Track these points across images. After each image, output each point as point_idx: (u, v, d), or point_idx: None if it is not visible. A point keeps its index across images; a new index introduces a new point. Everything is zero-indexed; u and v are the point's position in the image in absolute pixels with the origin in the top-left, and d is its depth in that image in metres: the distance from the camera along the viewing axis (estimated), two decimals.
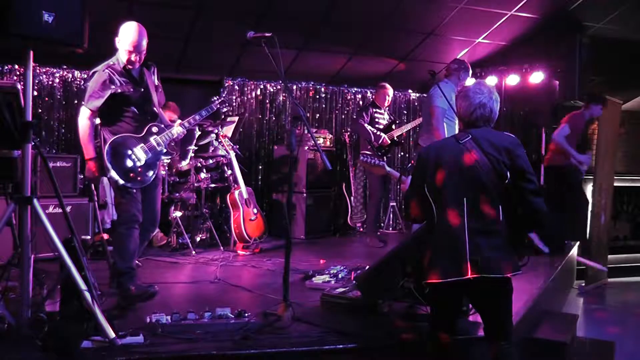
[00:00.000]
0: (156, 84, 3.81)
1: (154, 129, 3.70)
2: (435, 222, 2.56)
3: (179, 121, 3.88)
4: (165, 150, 3.75)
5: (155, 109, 3.75)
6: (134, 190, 3.60)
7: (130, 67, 3.60)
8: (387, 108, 6.69)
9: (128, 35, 3.51)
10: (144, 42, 3.58)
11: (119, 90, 3.54)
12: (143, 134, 3.67)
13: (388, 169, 3.43)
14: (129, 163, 3.58)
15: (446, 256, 2.49)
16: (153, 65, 3.83)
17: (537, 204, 2.51)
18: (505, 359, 2.57)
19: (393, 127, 6.47)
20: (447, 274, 2.46)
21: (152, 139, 3.68)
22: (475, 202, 2.49)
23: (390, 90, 6.53)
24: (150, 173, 3.66)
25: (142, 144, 3.65)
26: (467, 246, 2.44)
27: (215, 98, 4.37)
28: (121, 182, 3.52)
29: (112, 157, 3.54)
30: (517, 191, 2.52)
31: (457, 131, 5.03)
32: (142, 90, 3.68)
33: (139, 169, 3.61)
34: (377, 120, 6.46)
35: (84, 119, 3.59)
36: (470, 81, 2.75)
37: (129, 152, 3.59)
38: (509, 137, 2.59)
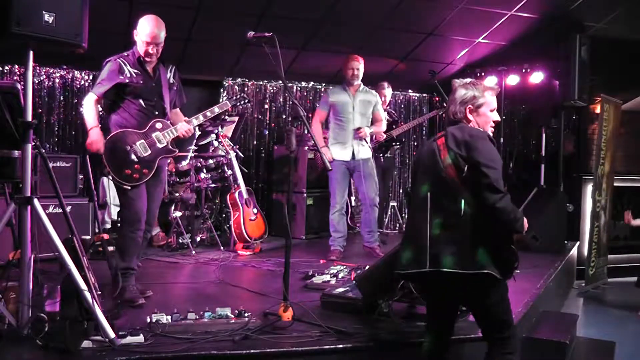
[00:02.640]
0: (171, 82, 3.77)
1: (158, 125, 3.64)
2: (409, 215, 2.67)
3: (184, 118, 3.81)
4: (166, 147, 3.66)
5: (165, 105, 3.70)
6: (137, 188, 3.55)
7: (148, 59, 3.60)
8: (388, 106, 6.71)
9: (146, 27, 3.54)
10: (162, 34, 3.59)
11: (127, 81, 3.54)
12: (146, 129, 3.60)
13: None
14: (126, 159, 3.52)
15: (410, 248, 2.57)
16: (173, 65, 3.81)
17: (490, 199, 2.42)
18: None
19: (393, 126, 6.47)
20: (408, 265, 2.54)
21: (154, 135, 3.61)
22: (437, 196, 2.54)
23: (387, 90, 6.54)
24: (147, 171, 3.58)
25: (143, 140, 3.58)
26: (428, 239, 2.48)
27: (231, 97, 4.18)
28: (117, 179, 3.49)
29: (110, 152, 3.50)
30: (475, 186, 2.46)
31: (349, 129, 5.32)
32: (154, 85, 3.65)
33: (136, 166, 3.54)
34: None
35: (88, 103, 3.57)
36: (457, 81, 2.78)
37: (127, 147, 3.53)
38: (474, 131, 2.57)
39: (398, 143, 6.74)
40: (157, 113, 3.67)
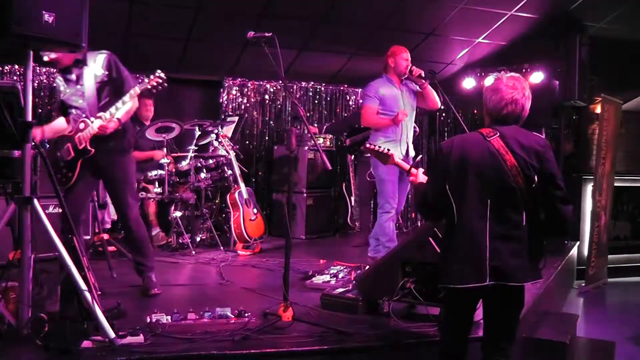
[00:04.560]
0: (98, 74, 3.57)
1: (81, 126, 3.57)
2: (454, 222, 2.42)
3: (99, 114, 3.54)
4: (84, 148, 3.55)
5: (88, 105, 3.56)
6: (69, 192, 3.56)
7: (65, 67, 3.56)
8: None
9: None
10: None
11: (62, 96, 3.64)
12: (74, 132, 3.60)
13: (397, 159, 3.38)
14: (57, 164, 3.58)
15: (464, 260, 2.36)
16: (103, 54, 3.59)
17: (565, 212, 2.36)
18: None
19: None
20: (464, 279, 2.34)
21: (77, 137, 3.58)
22: (499, 204, 2.34)
23: None
24: (71, 174, 3.57)
25: (69, 144, 3.59)
26: (488, 251, 2.32)
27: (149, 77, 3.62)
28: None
29: (50, 160, 3.51)
30: (545, 197, 2.37)
31: (400, 125, 4.73)
32: (78, 87, 3.59)
33: (63, 170, 3.59)
34: None
35: None
36: (502, 74, 2.61)
37: (58, 154, 3.61)
38: (539, 139, 2.44)
39: None
40: (84, 115, 3.59)
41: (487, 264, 2.31)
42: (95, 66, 3.59)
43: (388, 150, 3.23)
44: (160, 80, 3.58)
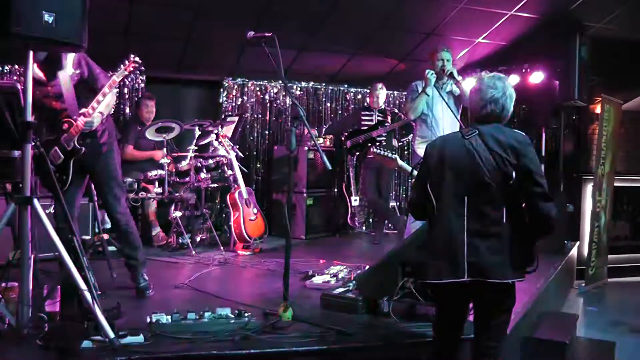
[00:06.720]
0: (71, 73, 3.46)
1: (65, 126, 3.49)
2: (433, 219, 2.47)
3: (82, 110, 3.46)
4: (74, 148, 3.50)
5: (68, 104, 3.48)
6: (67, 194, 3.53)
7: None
8: (387, 106, 6.75)
9: None
10: None
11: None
12: (57, 134, 3.54)
13: (400, 162, 3.40)
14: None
15: (443, 256, 2.40)
16: (75, 54, 3.44)
17: (544, 208, 2.37)
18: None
19: (379, 127, 6.49)
20: (442, 275, 2.38)
21: (62, 138, 3.50)
22: (476, 201, 2.38)
23: (379, 91, 6.54)
24: (65, 177, 3.54)
25: (56, 147, 3.53)
26: (465, 248, 2.35)
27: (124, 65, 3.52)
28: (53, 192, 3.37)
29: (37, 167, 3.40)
30: (524, 194, 2.39)
31: (436, 127, 4.73)
32: (53, 87, 3.47)
33: (56, 174, 3.48)
34: (363, 122, 6.56)
35: None
36: (483, 74, 2.63)
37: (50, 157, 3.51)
38: (518, 135, 2.45)
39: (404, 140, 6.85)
40: (65, 114, 3.51)
41: (465, 261, 2.34)
42: (67, 66, 3.49)
43: (391, 153, 3.27)
44: (137, 65, 3.51)
